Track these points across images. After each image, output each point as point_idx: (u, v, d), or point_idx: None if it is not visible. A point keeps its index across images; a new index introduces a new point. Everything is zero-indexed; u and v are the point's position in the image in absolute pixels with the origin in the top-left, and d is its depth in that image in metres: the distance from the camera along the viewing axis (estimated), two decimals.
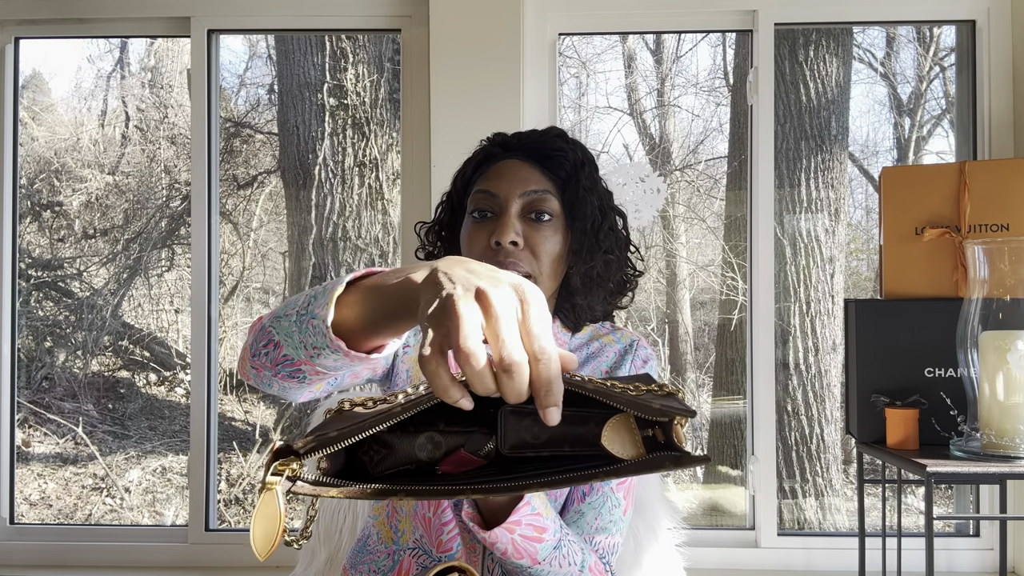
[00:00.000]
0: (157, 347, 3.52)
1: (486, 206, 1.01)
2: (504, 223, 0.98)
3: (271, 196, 3.39)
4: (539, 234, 1.00)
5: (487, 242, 0.99)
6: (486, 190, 1.02)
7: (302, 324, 0.71)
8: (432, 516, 0.98)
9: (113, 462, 3.35)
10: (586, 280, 1.04)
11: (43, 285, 3.48)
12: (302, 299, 0.74)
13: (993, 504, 1.94)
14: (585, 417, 0.62)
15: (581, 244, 1.02)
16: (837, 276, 2.92)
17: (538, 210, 1.00)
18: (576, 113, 3.40)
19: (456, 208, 1.09)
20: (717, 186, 3.30)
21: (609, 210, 1.06)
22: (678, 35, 3.21)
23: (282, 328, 0.74)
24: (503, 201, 1.00)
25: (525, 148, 1.05)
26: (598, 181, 1.06)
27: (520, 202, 1.00)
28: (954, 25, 2.10)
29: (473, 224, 1.02)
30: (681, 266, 3.40)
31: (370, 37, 3.05)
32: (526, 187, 1.01)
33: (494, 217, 1.00)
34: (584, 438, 0.62)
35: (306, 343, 0.71)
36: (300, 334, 0.71)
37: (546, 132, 1.07)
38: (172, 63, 3.58)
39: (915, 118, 3.15)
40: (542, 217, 1.00)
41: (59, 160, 3.49)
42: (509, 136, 1.08)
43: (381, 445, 0.65)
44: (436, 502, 0.95)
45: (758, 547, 1.98)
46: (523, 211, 1.00)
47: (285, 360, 0.75)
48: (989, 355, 1.44)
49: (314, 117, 3.10)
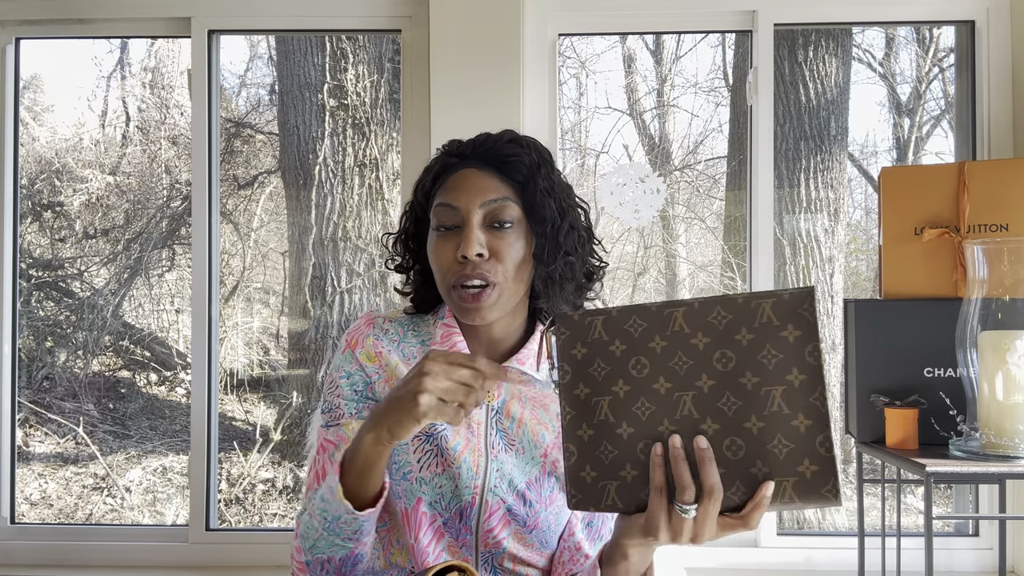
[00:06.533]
0: (158, 347, 3.52)
1: (447, 219, 1.01)
2: (468, 236, 0.99)
3: (271, 196, 3.39)
4: (502, 242, 1.00)
5: (453, 255, 1.00)
6: (446, 203, 1.02)
7: (334, 530, 0.92)
8: (413, 542, 1.01)
9: (114, 462, 3.36)
10: (549, 283, 1.04)
11: (44, 285, 3.48)
12: (316, 519, 0.94)
13: (992, 504, 1.94)
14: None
15: (542, 248, 1.03)
16: (836, 276, 2.93)
17: (499, 219, 1.01)
18: (576, 113, 3.40)
19: (420, 218, 1.09)
20: (717, 186, 3.30)
21: (569, 209, 1.06)
22: (678, 35, 3.21)
23: (322, 547, 0.95)
24: (464, 213, 1.00)
25: (480, 155, 1.05)
26: (556, 180, 1.06)
27: (481, 212, 1.00)
28: (953, 25, 2.10)
29: (438, 238, 1.02)
30: (681, 266, 3.40)
31: (370, 37, 3.05)
32: (485, 196, 1.01)
33: (457, 230, 1.01)
34: None
35: (347, 536, 0.93)
36: (340, 538, 0.93)
37: (500, 137, 1.07)
38: (172, 63, 3.58)
39: (914, 118, 3.15)
40: (504, 225, 1.01)
41: (60, 160, 3.49)
42: (464, 144, 1.08)
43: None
44: (416, 528, 1.03)
45: (758, 547, 1.99)
46: (485, 220, 1.01)
47: (344, 561, 0.96)
48: (988, 355, 1.44)
49: (314, 117, 3.11)
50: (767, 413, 0.75)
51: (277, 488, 3.23)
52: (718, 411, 0.76)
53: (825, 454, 0.74)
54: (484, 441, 1.02)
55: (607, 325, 0.81)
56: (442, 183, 1.05)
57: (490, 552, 1.03)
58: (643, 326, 0.80)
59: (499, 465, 1.02)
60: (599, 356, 0.81)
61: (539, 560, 1.06)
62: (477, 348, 1.07)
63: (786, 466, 0.75)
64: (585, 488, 0.80)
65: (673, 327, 0.79)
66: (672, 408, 0.78)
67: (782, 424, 0.75)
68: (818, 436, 0.74)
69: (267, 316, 3.49)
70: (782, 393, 0.75)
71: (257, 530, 2.70)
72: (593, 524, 1.09)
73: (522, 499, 1.02)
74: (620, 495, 0.79)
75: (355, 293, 3.06)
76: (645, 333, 0.80)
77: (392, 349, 1.07)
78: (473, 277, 0.98)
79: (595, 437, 0.80)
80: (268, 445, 3.28)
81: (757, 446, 0.75)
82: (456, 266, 1.00)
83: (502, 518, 1.02)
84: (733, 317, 0.77)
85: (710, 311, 0.78)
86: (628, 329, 0.80)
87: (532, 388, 1.06)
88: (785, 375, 0.75)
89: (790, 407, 0.75)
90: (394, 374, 1.04)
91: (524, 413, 1.04)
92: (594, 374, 0.81)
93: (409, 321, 1.11)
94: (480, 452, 1.02)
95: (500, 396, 1.05)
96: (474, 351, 1.06)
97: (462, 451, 1.01)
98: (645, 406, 0.79)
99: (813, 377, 0.74)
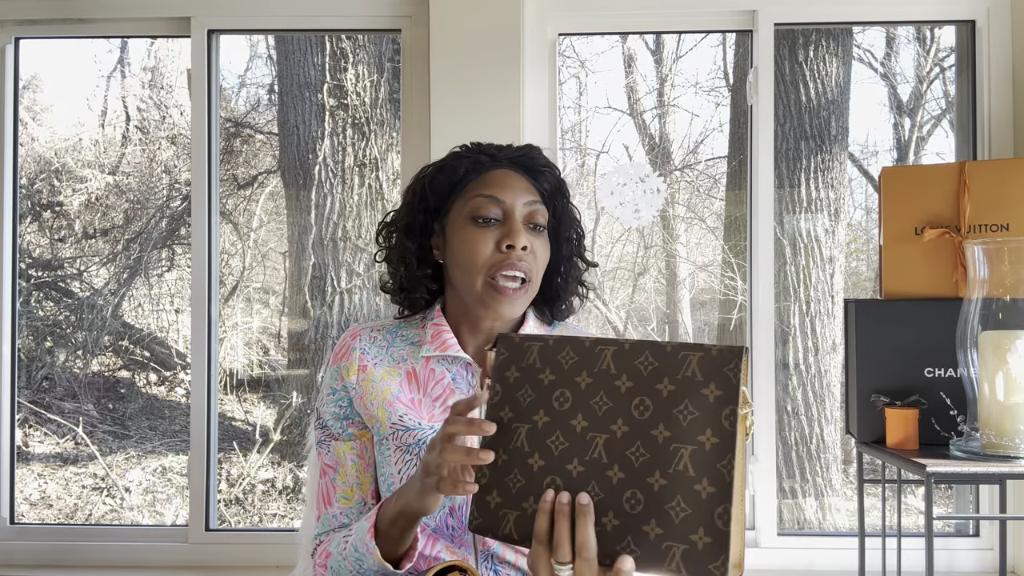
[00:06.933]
0: (157, 347, 3.52)
1: (490, 211, 1.04)
2: (516, 229, 1.03)
3: (271, 196, 3.39)
4: (538, 242, 1.07)
5: (494, 246, 1.03)
6: (491, 195, 1.05)
7: (367, 573, 0.98)
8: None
9: (113, 462, 3.35)
10: (571, 283, 1.14)
11: (43, 285, 3.48)
12: (350, 562, 0.98)
13: (993, 504, 1.94)
14: None
15: (568, 252, 1.12)
16: (837, 276, 2.92)
17: (536, 221, 1.07)
18: (576, 113, 3.40)
19: (431, 210, 1.10)
20: (717, 186, 3.30)
21: (579, 223, 1.17)
22: (678, 35, 3.21)
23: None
24: (509, 207, 1.05)
25: (515, 160, 1.10)
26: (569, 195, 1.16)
27: (524, 211, 1.06)
28: (954, 25, 2.10)
29: (476, 228, 1.04)
30: (681, 266, 3.40)
31: (370, 37, 3.05)
32: (527, 197, 1.07)
33: (497, 223, 1.04)
34: None
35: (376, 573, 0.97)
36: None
37: (530, 148, 1.13)
38: (172, 63, 3.58)
39: (915, 118, 3.15)
40: (539, 227, 1.07)
41: (59, 160, 3.49)
42: (493, 146, 1.12)
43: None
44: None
45: (758, 547, 1.98)
46: (525, 220, 1.06)
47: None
48: (989, 355, 1.44)
49: (314, 117, 3.11)
50: (671, 471, 0.71)
51: (277, 488, 3.23)
52: (626, 460, 0.73)
53: (722, 527, 0.69)
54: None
55: (542, 352, 0.81)
56: (475, 178, 1.08)
57: (489, 550, 1.03)
58: (574, 359, 0.79)
59: None
60: (528, 382, 0.80)
61: None
62: (469, 342, 1.09)
63: (679, 532, 0.70)
64: (488, 513, 0.79)
65: (601, 365, 0.77)
66: (584, 448, 0.76)
67: (684, 486, 0.71)
68: (718, 507, 0.69)
69: (267, 316, 3.48)
70: (691, 453, 0.71)
71: (257, 530, 2.70)
72: None
73: None
74: (517, 526, 0.77)
75: (355, 293, 3.06)
76: (575, 367, 0.78)
77: (381, 359, 1.09)
78: (517, 268, 1.02)
79: (507, 463, 0.79)
80: (268, 445, 3.28)
81: (655, 504, 0.71)
82: (497, 255, 1.03)
83: None
84: (659, 365, 0.75)
85: (639, 354, 0.76)
86: (560, 360, 0.79)
87: None
88: (697, 435, 0.71)
89: (695, 469, 0.71)
90: (375, 388, 1.06)
91: None
92: (520, 399, 0.80)
93: (398, 327, 1.13)
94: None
95: None
96: (465, 345, 1.09)
97: None
98: (559, 441, 0.77)
99: (725, 442, 0.70)
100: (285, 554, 2.00)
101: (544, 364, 0.80)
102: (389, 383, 1.06)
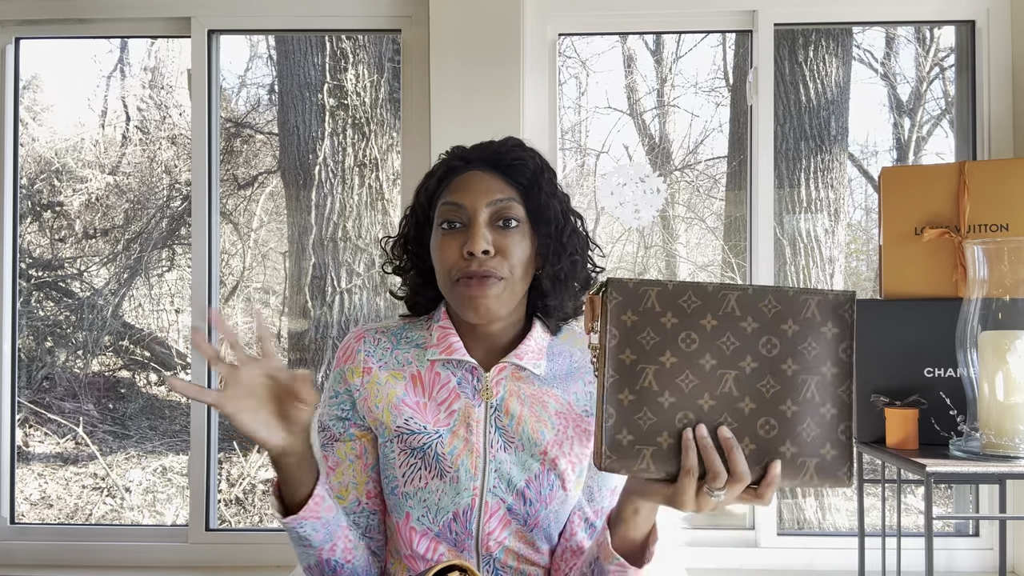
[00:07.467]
0: (157, 347, 3.52)
1: (454, 217, 1.03)
2: (475, 233, 1.01)
3: (271, 196, 3.39)
4: (509, 240, 1.03)
5: (459, 252, 1.01)
6: (453, 202, 1.04)
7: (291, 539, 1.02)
8: (409, 552, 1.05)
9: (113, 462, 3.36)
10: (555, 281, 1.08)
11: (43, 285, 3.48)
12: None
13: (993, 504, 1.94)
14: None
15: (547, 247, 1.06)
16: (837, 276, 2.93)
17: (505, 217, 1.03)
18: (576, 113, 3.40)
19: (421, 221, 1.10)
20: (717, 186, 3.30)
21: (570, 213, 1.10)
22: (678, 35, 3.21)
23: (300, 557, 1.06)
24: (471, 212, 1.02)
25: (485, 159, 1.08)
26: (557, 186, 1.11)
27: (488, 211, 1.03)
28: (954, 25, 2.10)
29: (443, 235, 1.04)
30: (681, 266, 3.40)
31: (370, 37, 3.05)
32: (491, 196, 1.03)
33: (463, 228, 1.03)
34: None
35: (299, 543, 1.02)
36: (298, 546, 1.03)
37: (504, 142, 1.10)
38: (172, 63, 3.58)
39: (915, 118, 3.15)
40: (510, 224, 1.04)
41: (59, 160, 3.49)
42: (468, 149, 1.11)
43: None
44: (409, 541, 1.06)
45: (758, 547, 1.99)
46: (491, 219, 1.03)
47: (320, 568, 1.04)
48: (988, 355, 1.44)
49: (314, 117, 3.11)
50: (801, 399, 0.82)
51: None
52: (757, 392, 0.83)
53: (845, 441, 0.82)
54: (483, 440, 1.03)
55: (661, 297, 0.85)
56: (447, 184, 1.07)
57: (491, 554, 1.03)
58: (697, 303, 0.84)
59: (497, 465, 1.02)
60: (650, 325, 0.84)
61: (541, 559, 1.07)
62: (474, 347, 1.07)
63: (811, 448, 0.82)
64: (620, 450, 0.83)
65: (725, 308, 0.84)
66: (714, 384, 0.83)
67: (812, 410, 0.82)
68: (840, 424, 0.82)
69: (267, 316, 3.49)
70: (816, 383, 0.82)
71: (257, 530, 2.70)
72: (595, 524, 1.09)
73: (522, 498, 1.02)
74: (656, 460, 0.83)
75: (355, 293, 3.06)
76: (698, 310, 0.84)
77: (385, 361, 1.08)
78: (478, 273, 1.00)
79: (636, 403, 0.83)
80: None
81: (789, 428, 0.82)
82: (461, 262, 1.01)
83: (502, 519, 1.02)
84: (782, 308, 0.84)
85: (762, 299, 0.84)
86: (682, 304, 0.84)
87: (531, 386, 1.06)
88: (820, 367, 0.83)
89: (821, 396, 0.82)
90: (380, 391, 1.06)
91: (523, 411, 1.04)
92: (642, 342, 0.84)
93: (402, 328, 1.12)
94: (478, 453, 1.02)
95: (499, 393, 1.05)
96: (471, 349, 1.07)
97: (459, 453, 1.02)
98: (689, 379, 0.83)
99: (844, 371, 0.83)
100: (285, 554, 2.00)
101: (665, 308, 0.84)
102: (394, 386, 1.06)
